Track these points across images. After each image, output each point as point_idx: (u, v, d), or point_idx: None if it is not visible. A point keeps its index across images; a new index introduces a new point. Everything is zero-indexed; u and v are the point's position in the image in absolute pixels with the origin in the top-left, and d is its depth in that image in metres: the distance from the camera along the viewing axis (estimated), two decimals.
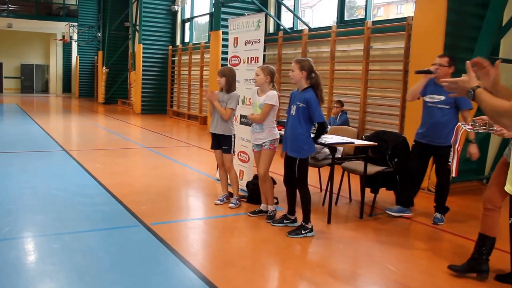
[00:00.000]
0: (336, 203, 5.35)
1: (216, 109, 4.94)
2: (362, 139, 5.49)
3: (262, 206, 4.87)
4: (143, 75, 17.12)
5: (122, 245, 3.90)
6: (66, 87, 30.78)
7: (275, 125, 4.72)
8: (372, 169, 5.00)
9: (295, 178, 4.31)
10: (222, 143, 5.04)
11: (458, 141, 3.52)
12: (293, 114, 4.24)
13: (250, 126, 4.91)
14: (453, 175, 3.83)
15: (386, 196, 5.53)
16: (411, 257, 3.93)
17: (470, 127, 3.27)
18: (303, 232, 4.24)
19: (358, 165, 5.08)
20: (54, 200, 5.15)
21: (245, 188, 5.49)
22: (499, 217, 3.40)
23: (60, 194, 5.39)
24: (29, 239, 4.01)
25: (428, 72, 4.65)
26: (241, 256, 3.78)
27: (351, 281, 3.45)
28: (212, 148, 5.21)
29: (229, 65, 5.92)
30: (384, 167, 5.05)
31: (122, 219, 4.60)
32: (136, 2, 17.96)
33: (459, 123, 3.58)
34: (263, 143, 4.66)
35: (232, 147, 5.08)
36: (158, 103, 17.61)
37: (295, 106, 4.24)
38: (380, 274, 3.53)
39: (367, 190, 5.15)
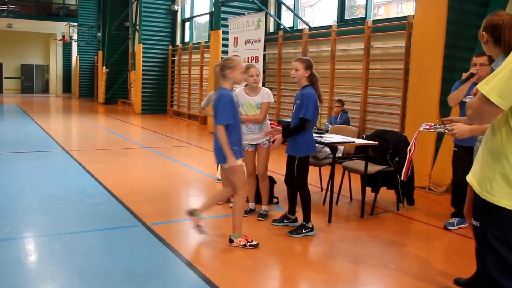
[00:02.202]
0: (336, 203, 5.34)
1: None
2: (362, 138, 5.48)
3: (251, 205, 4.89)
4: (143, 75, 17.11)
5: (122, 245, 3.89)
6: (66, 87, 30.76)
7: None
8: (373, 168, 4.99)
9: (295, 177, 4.30)
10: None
11: (412, 143, 3.38)
12: (293, 112, 4.26)
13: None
14: (402, 178, 3.75)
15: (386, 195, 5.52)
16: (412, 256, 3.92)
17: (427, 127, 3.15)
18: (304, 231, 4.23)
19: (359, 164, 5.07)
20: (54, 200, 5.14)
21: None
22: None
23: (61, 194, 5.39)
24: (29, 239, 4.01)
25: (472, 76, 4.51)
26: (242, 255, 3.77)
27: (352, 280, 3.44)
28: None
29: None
30: (384, 167, 5.05)
31: (123, 219, 4.60)
32: (136, 2, 17.95)
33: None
34: (263, 142, 4.65)
35: None
36: (158, 103, 17.60)
37: (295, 105, 4.24)
38: (381, 273, 3.53)
39: (368, 189, 5.14)
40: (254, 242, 3.91)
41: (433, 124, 3.13)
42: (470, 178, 2.08)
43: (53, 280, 3.23)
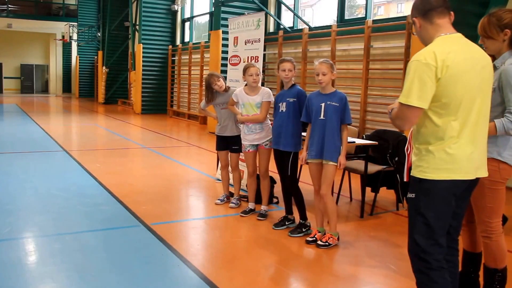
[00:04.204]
0: (336, 203, 5.34)
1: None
2: (362, 138, 5.48)
3: (251, 205, 4.89)
4: (143, 75, 17.11)
5: (122, 245, 3.89)
6: (66, 87, 30.79)
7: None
8: (373, 168, 4.99)
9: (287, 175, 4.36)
10: (232, 143, 5.03)
11: (407, 143, 3.32)
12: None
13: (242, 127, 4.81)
14: (405, 180, 3.71)
15: (386, 195, 5.52)
16: None
17: None
18: (304, 230, 4.24)
19: (359, 164, 5.07)
20: (54, 201, 5.15)
21: (245, 188, 5.49)
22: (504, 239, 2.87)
23: (61, 194, 5.39)
24: (29, 239, 4.01)
25: None
26: (242, 255, 3.78)
27: (352, 280, 3.44)
28: (218, 149, 5.20)
29: (212, 72, 5.97)
30: (384, 166, 5.05)
31: (123, 219, 4.60)
32: (136, 2, 17.95)
33: None
34: (264, 142, 4.65)
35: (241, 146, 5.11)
36: (158, 103, 17.60)
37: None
38: (381, 273, 3.53)
39: (368, 189, 5.14)
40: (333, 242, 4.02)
41: None
42: (412, 172, 2.38)
43: (53, 280, 3.23)
